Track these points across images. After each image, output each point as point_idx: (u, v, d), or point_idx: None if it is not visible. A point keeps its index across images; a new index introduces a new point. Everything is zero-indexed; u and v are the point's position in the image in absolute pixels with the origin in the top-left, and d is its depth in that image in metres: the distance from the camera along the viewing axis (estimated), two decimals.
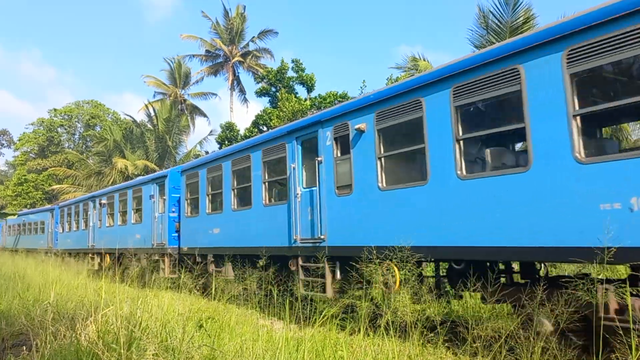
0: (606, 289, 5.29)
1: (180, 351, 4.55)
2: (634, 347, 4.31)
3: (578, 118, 5.85)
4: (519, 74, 6.42)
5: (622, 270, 10.32)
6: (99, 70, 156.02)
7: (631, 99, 5.49)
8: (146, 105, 43.42)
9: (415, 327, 5.42)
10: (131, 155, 38.21)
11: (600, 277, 5.41)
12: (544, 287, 5.45)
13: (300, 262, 10.40)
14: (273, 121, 29.37)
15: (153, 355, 4.27)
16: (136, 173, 34.49)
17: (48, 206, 33.53)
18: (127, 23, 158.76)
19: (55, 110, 63.08)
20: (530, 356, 4.84)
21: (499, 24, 18.18)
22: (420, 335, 5.37)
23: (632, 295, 5.05)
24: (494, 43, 17.90)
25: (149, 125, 41.83)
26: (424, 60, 21.14)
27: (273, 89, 33.83)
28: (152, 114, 41.38)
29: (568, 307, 5.03)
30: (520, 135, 6.87)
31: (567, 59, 5.88)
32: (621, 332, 4.57)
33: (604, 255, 4.86)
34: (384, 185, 8.52)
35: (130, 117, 44.07)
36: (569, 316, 5.06)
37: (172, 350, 4.67)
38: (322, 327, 6.31)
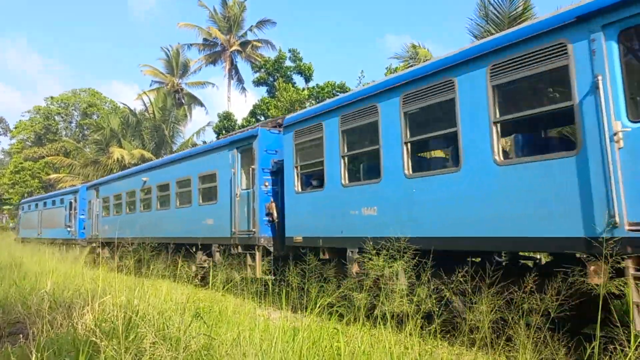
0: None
1: (179, 340, 4.55)
2: (632, 338, 4.33)
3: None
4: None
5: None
6: (85, 58, 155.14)
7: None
8: (140, 95, 43.26)
9: (412, 317, 5.43)
10: (128, 144, 38.08)
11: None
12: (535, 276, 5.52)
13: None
14: (271, 111, 29.29)
15: (151, 343, 4.27)
16: (133, 162, 34.38)
17: (231, 136, 14.30)
18: (111, 11, 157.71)
19: (52, 98, 62.74)
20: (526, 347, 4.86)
21: (497, 14, 18.12)
22: (417, 326, 5.37)
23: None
24: (493, 33, 17.84)
25: (147, 115, 41.67)
26: (424, 48, 21.07)
27: (271, 79, 33.71)
28: (148, 102, 41.23)
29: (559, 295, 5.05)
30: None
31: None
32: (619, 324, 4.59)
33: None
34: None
35: (126, 105, 43.96)
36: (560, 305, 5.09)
37: (170, 339, 4.67)
38: (319, 317, 6.32)
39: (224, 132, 33.33)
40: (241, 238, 12.60)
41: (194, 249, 15.17)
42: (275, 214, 11.84)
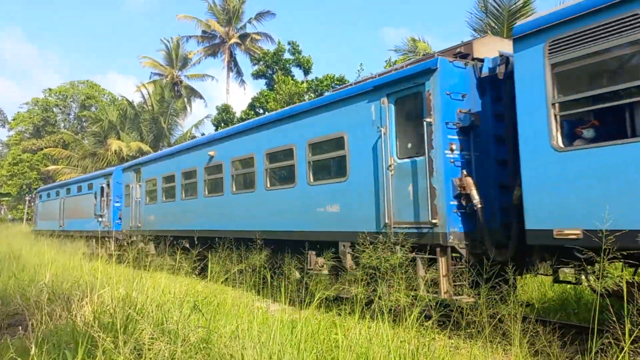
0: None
1: (177, 333, 4.57)
2: (627, 331, 4.36)
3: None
4: None
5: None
6: (82, 49, 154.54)
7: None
8: (139, 87, 43.21)
9: (409, 311, 5.46)
10: (126, 136, 38.03)
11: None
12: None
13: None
14: (270, 104, 29.25)
15: (150, 338, 4.30)
16: (131, 155, 34.33)
17: (377, 78, 9.57)
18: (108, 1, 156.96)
19: (50, 90, 62.51)
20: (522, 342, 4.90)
21: (497, 7, 18.12)
22: (415, 320, 5.41)
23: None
24: (493, 27, 17.86)
25: (145, 107, 41.62)
26: (424, 41, 21.06)
27: (269, 72, 33.63)
28: (147, 95, 41.16)
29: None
30: None
31: None
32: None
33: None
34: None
35: (125, 97, 43.85)
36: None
37: (169, 333, 4.69)
38: (317, 310, 6.36)
39: (222, 124, 33.27)
40: (405, 234, 8.02)
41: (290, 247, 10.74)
42: (476, 196, 7.50)
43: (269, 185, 11.92)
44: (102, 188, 21.75)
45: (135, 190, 19.02)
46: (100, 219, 21.61)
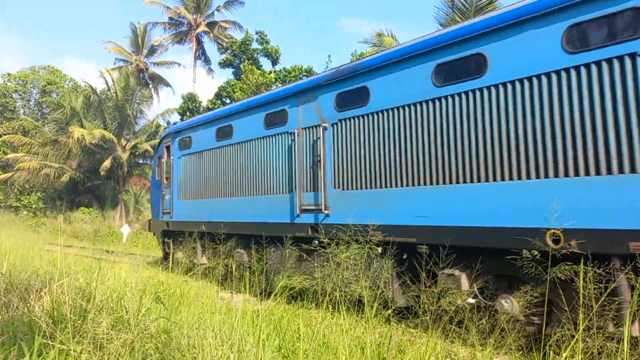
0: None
1: (136, 324, 4.54)
2: (581, 320, 4.53)
3: None
4: None
5: None
6: (39, 31, 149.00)
7: None
8: (102, 73, 42.20)
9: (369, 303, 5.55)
10: (89, 124, 37.14)
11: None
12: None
13: None
14: (236, 93, 29.02)
15: (107, 328, 4.26)
16: (94, 142, 33.58)
17: None
18: None
19: (9, 75, 60.58)
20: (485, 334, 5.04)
21: (464, 3, 18.38)
22: (375, 312, 5.50)
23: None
24: (459, 22, 18.10)
25: (109, 94, 40.70)
26: (390, 36, 21.23)
27: (237, 61, 33.33)
28: (111, 82, 40.23)
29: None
30: None
31: None
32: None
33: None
34: None
35: (88, 84, 42.76)
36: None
37: (128, 323, 4.66)
38: (280, 301, 6.39)
39: (188, 114, 32.88)
40: None
41: None
42: None
43: None
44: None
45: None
46: None
